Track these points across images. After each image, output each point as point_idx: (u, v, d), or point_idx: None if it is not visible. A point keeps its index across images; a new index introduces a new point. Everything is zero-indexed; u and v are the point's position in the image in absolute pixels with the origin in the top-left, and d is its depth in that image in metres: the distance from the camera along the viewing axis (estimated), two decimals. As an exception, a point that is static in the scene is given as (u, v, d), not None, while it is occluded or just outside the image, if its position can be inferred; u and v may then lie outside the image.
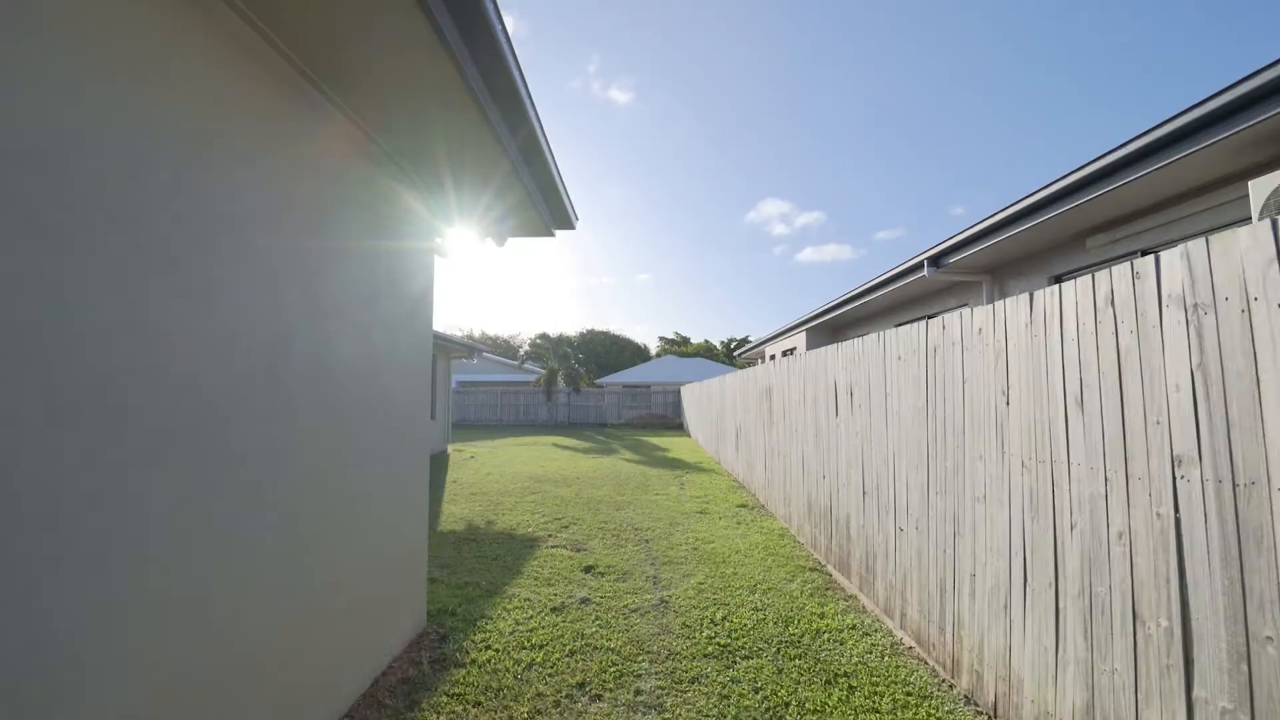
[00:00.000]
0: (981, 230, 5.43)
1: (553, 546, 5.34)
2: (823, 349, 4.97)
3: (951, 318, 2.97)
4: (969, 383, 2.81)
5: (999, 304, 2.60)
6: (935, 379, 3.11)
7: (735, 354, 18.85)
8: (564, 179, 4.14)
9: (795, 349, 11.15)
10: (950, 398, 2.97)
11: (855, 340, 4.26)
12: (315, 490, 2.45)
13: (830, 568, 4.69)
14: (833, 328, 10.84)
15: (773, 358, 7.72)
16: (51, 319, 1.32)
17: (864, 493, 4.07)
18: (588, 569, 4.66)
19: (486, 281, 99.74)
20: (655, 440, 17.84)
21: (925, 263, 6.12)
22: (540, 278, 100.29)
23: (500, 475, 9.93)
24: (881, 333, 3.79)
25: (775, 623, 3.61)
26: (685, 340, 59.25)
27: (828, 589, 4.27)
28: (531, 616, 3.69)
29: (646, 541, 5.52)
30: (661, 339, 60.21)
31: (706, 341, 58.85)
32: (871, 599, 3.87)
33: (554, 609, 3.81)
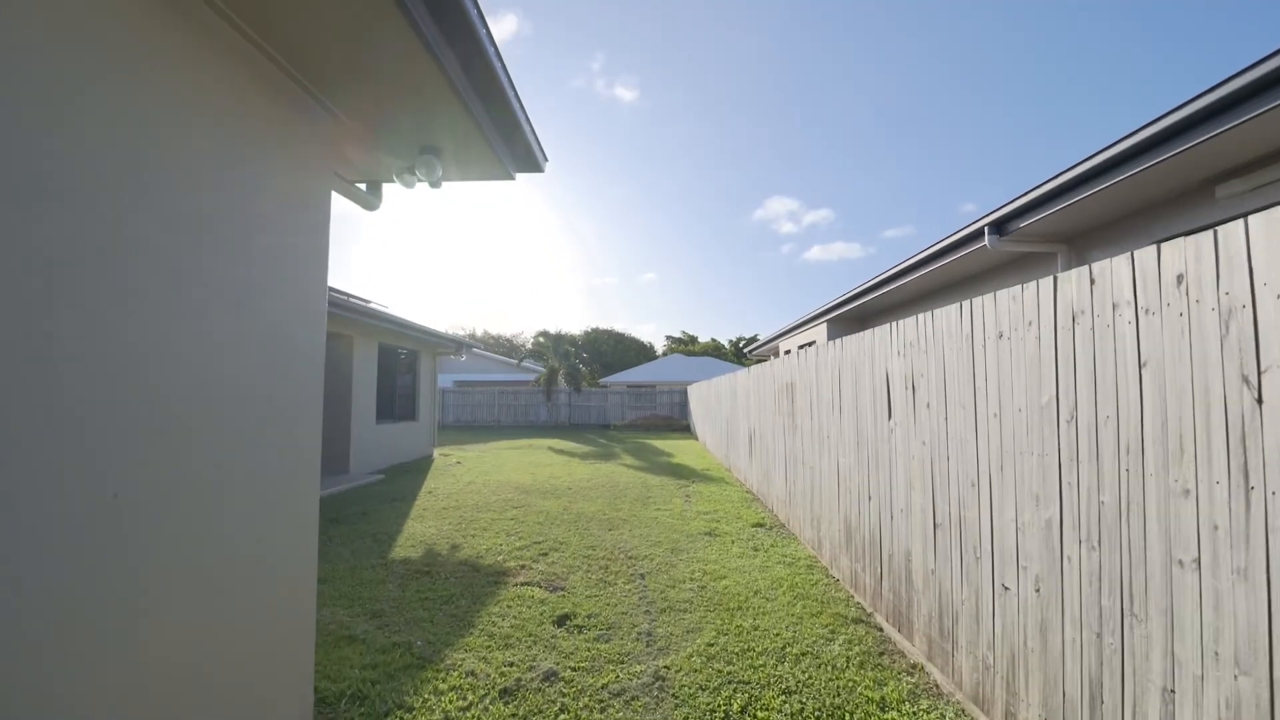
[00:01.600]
0: (1066, 183, 4.29)
1: (523, 583, 4.25)
2: (867, 332, 3.85)
3: (1110, 266, 1.86)
4: (1153, 368, 1.69)
5: (1231, 227, 1.49)
6: (1076, 363, 2.00)
7: (746, 351, 17.71)
8: (527, 110, 3.07)
9: (814, 343, 10.03)
10: (1107, 391, 1.86)
11: (920, 316, 3.15)
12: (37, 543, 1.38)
13: (880, 618, 3.58)
14: (858, 318, 9.69)
15: (787, 353, 6.69)
16: None
17: (934, 524, 2.95)
18: (562, 619, 3.57)
19: (488, 281, 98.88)
20: (660, 443, 16.74)
21: (986, 230, 4.99)
22: (544, 277, 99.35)
23: (483, 485, 8.87)
24: (968, 302, 2.68)
25: None
26: (692, 339, 58.17)
27: (882, 653, 3.16)
28: (470, 706, 2.60)
29: (642, 576, 4.42)
30: (668, 338, 59.16)
31: (714, 340, 57.76)
32: (949, 676, 2.75)
33: (504, 691, 2.72)
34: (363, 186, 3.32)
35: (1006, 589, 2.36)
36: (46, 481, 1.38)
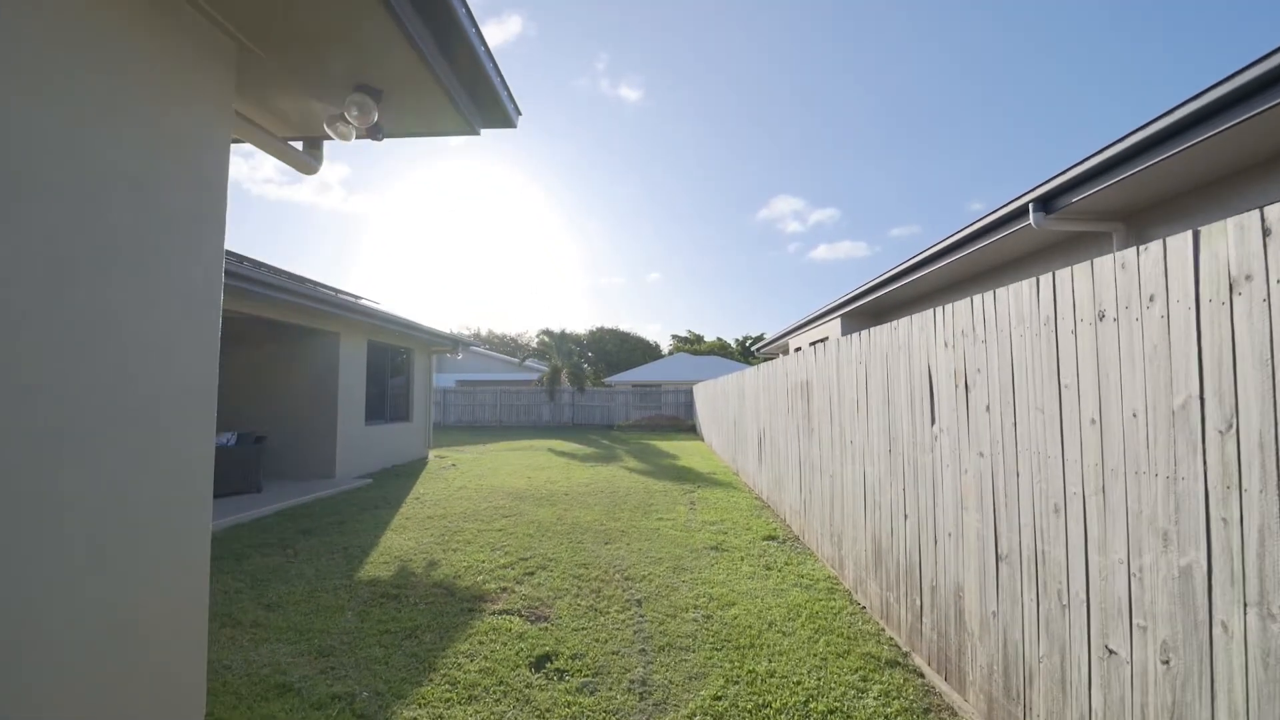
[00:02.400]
0: (1129, 150, 3.68)
1: (502, 611, 3.70)
2: (902, 320, 3.27)
3: (1300, 205, 1.27)
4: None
5: None
6: (1235, 351, 1.41)
7: (753, 350, 17.10)
8: (492, 51, 2.52)
9: (827, 339, 9.43)
10: (1297, 391, 1.27)
11: (976, 298, 2.56)
12: None
13: (919, 660, 3.00)
14: (874, 312, 9.07)
15: (798, 350, 6.16)
16: None
17: (997, 556, 2.37)
18: (541, 661, 3.02)
19: (494, 281, 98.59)
20: (665, 445, 16.17)
21: (1031, 207, 4.38)
22: (550, 277, 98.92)
23: (475, 490, 8.34)
24: (1046, 278, 2.10)
25: (858, 815, 1.93)
26: (699, 338, 57.57)
27: (927, 709, 2.59)
28: (411, 791, 2.05)
29: (639, 602, 3.86)
30: (674, 337, 58.55)
31: (720, 339, 57.14)
32: (1022, 751, 2.17)
33: (458, 768, 2.17)
34: (298, 145, 2.77)
35: (1113, 653, 1.77)
36: None
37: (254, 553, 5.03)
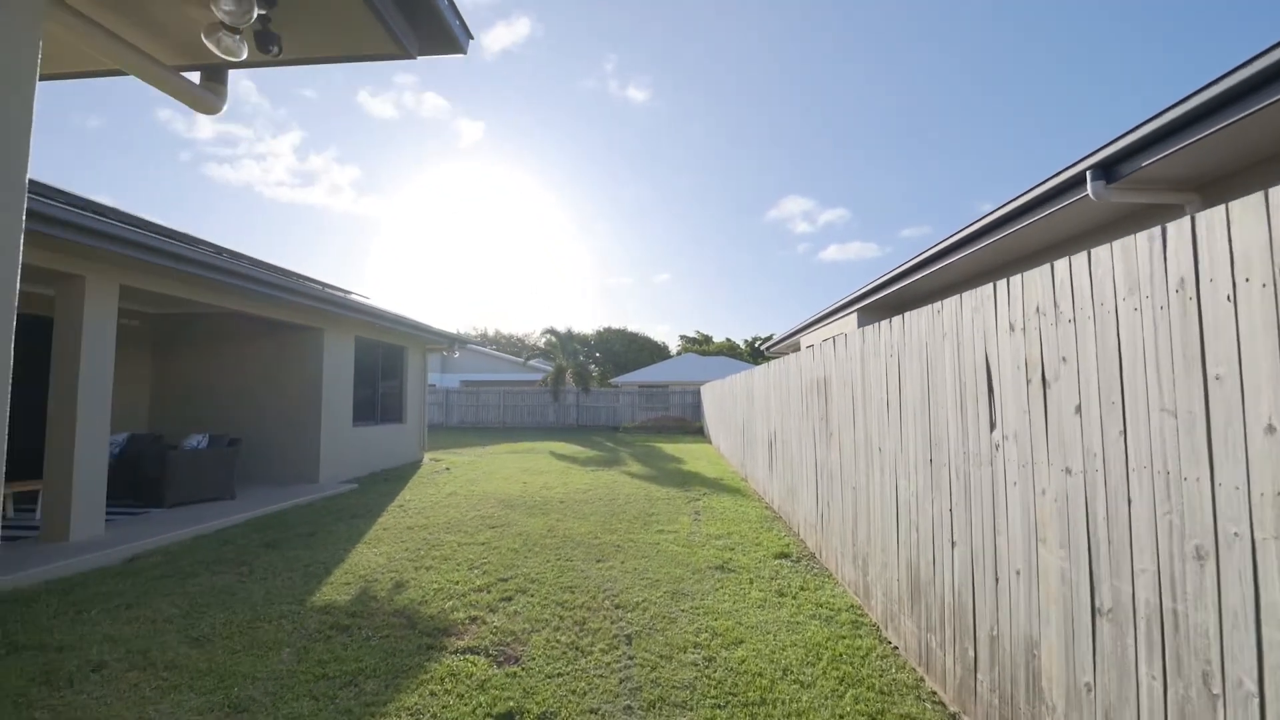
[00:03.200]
0: (1219, 97, 3.04)
1: (466, 650, 3.13)
2: (948, 300, 2.66)
3: None
4: None
5: None
6: None
7: (763, 350, 16.41)
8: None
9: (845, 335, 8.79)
10: None
11: (1055, 265, 1.95)
12: None
13: (975, 727, 2.39)
14: (895, 305, 8.41)
15: (810, 349, 5.57)
16: None
17: (1094, 609, 1.76)
18: (501, 722, 2.44)
19: (502, 282, 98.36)
20: (671, 448, 15.57)
21: (1089, 175, 3.74)
22: (558, 277, 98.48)
23: (465, 496, 7.79)
24: (1173, 229, 1.49)
25: None
26: (707, 339, 56.90)
27: (993, 804, 1.97)
28: None
29: (628, 639, 3.27)
30: (682, 337, 57.90)
31: (729, 340, 56.44)
32: None
33: None
34: (194, 78, 2.23)
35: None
36: None
37: (204, 571, 4.51)
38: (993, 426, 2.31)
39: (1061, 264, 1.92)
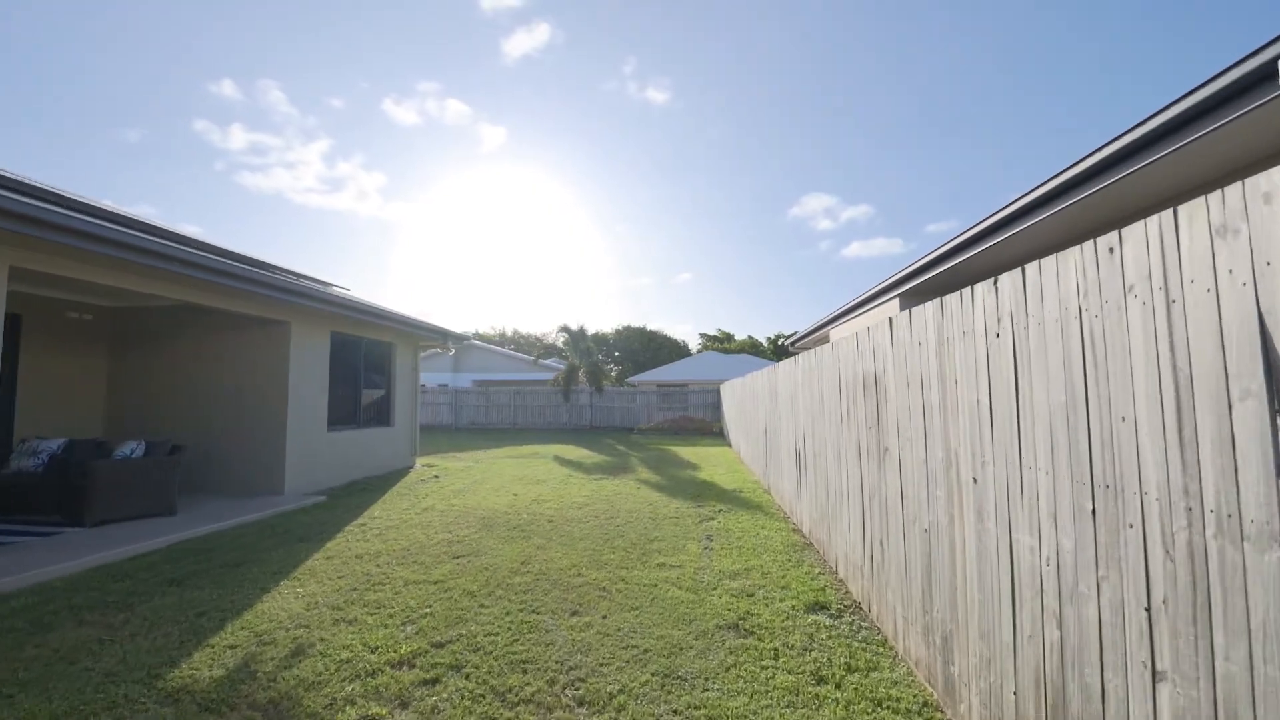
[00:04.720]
0: None
1: (331, 790, 2.03)
2: (1134, 225, 1.45)
3: None
4: None
5: None
6: None
7: (787, 345, 15.08)
8: None
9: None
10: None
11: None
12: None
13: None
14: (947, 287, 7.10)
15: (852, 336, 4.40)
16: None
17: None
18: None
19: (523, 281, 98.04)
20: (687, 452, 14.37)
21: (1294, 56, 2.47)
22: (579, 278, 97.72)
23: (442, 512, 6.74)
24: None
25: None
26: (729, 336, 55.45)
27: None
28: None
29: (584, 773, 2.13)
30: (703, 336, 56.54)
31: (751, 338, 54.92)
32: None
33: None
34: None
35: None
36: None
37: (69, 621, 3.52)
38: (1293, 463, 1.10)
39: None
